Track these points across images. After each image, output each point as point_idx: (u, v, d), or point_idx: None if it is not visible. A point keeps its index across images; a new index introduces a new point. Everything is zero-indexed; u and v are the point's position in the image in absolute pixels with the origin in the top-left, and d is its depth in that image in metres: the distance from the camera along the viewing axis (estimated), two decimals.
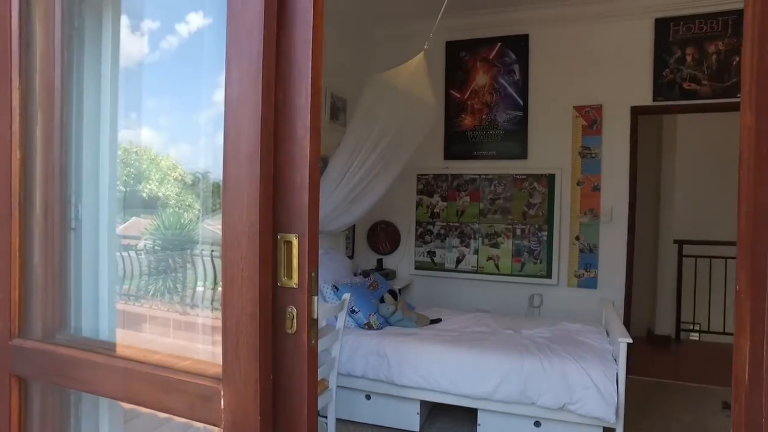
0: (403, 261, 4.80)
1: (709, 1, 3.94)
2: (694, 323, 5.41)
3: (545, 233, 4.39)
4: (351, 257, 4.72)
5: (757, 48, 0.88)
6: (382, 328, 3.35)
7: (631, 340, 2.71)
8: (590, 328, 3.43)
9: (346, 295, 2.71)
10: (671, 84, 4.07)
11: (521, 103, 4.44)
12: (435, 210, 4.72)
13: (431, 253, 4.73)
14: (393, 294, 3.63)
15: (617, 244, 4.23)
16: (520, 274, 4.47)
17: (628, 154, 4.19)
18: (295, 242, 1.04)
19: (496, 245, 4.54)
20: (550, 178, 4.37)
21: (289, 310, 1.05)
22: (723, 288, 5.20)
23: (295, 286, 1.05)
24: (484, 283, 4.57)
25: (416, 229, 4.77)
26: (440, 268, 4.70)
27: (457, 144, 4.64)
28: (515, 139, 4.47)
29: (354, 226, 4.70)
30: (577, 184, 4.31)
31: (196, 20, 1.70)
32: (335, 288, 3.34)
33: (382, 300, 3.57)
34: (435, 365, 2.94)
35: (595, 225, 4.28)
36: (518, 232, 4.47)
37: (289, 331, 1.05)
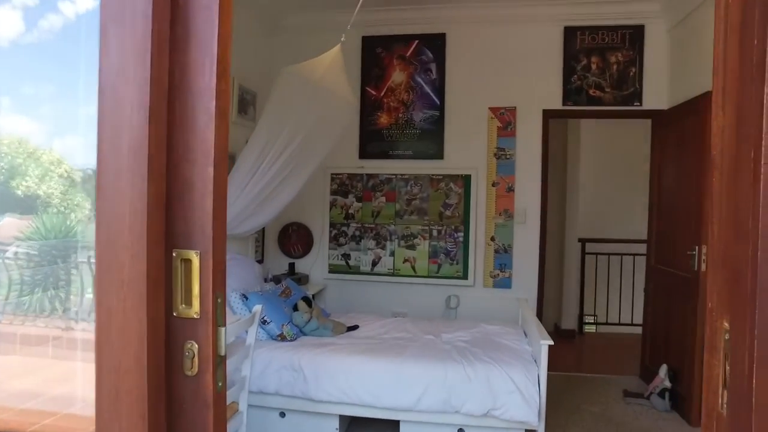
0: (316, 264, 4.58)
1: (609, 15, 4.15)
2: (594, 316, 5.72)
3: (461, 234, 4.39)
4: (260, 262, 4.42)
5: (734, 44, 0.80)
6: (296, 338, 3.12)
7: (552, 342, 2.72)
8: (509, 329, 3.44)
9: (257, 307, 2.45)
10: (579, 90, 4.22)
11: (438, 102, 4.41)
12: (350, 211, 4.55)
13: (346, 256, 4.56)
14: (307, 301, 3.41)
15: (530, 244, 4.33)
16: (436, 275, 4.43)
17: (540, 156, 4.30)
18: (195, 260, 0.82)
19: (412, 247, 4.46)
20: (466, 179, 4.37)
21: (189, 346, 0.82)
22: (618, 282, 5.54)
23: (195, 316, 0.82)
24: (401, 286, 4.48)
25: (330, 231, 4.58)
26: (355, 271, 4.55)
27: (372, 143, 4.51)
28: (432, 138, 4.42)
29: (264, 228, 4.41)
30: (493, 185, 4.35)
31: None
32: (244, 297, 3.06)
33: (295, 308, 3.34)
34: (354, 377, 2.77)
35: (509, 225, 4.34)
36: (435, 233, 4.43)
37: (189, 373, 0.83)
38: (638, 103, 4.16)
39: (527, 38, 4.28)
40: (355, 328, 3.49)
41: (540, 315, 4.33)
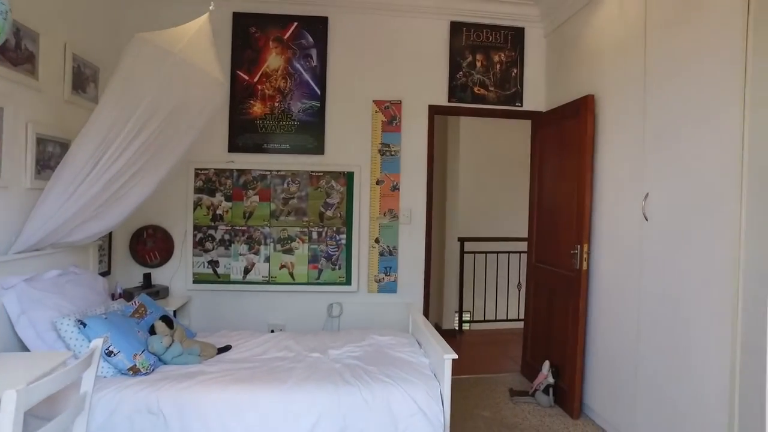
0: (178, 274, 3.91)
1: (493, 14, 4.10)
2: (470, 312, 5.77)
3: (344, 236, 4.05)
4: (106, 274, 3.63)
5: None
6: (153, 370, 2.51)
7: (455, 355, 2.50)
8: (401, 339, 3.17)
9: (96, 342, 1.84)
10: (464, 87, 4.12)
11: (319, 92, 4.00)
12: (218, 212, 3.96)
13: (214, 263, 3.95)
14: (167, 321, 2.80)
15: (416, 246, 4.14)
16: (317, 282, 4.03)
17: (426, 153, 4.12)
18: None
19: (290, 251, 4.01)
20: (349, 176, 4.04)
21: None
22: (495, 280, 5.65)
23: None
24: (278, 295, 4.01)
25: (194, 235, 3.93)
26: (225, 280, 3.96)
27: (244, 134, 3.96)
28: (312, 131, 4.01)
29: (110, 234, 3.63)
30: (377, 183, 4.08)
31: None
32: (81, 324, 2.38)
33: (152, 331, 2.72)
34: (230, 415, 2.27)
35: (394, 226, 4.11)
36: (315, 235, 4.03)
37: None
38: (519, 104, 4.18)
39: (414, 30, 4.07)
40: (227, 349, 2.96)
41: (426, 318, 4.16)
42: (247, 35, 3.93)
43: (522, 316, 5.20)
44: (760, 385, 2.32)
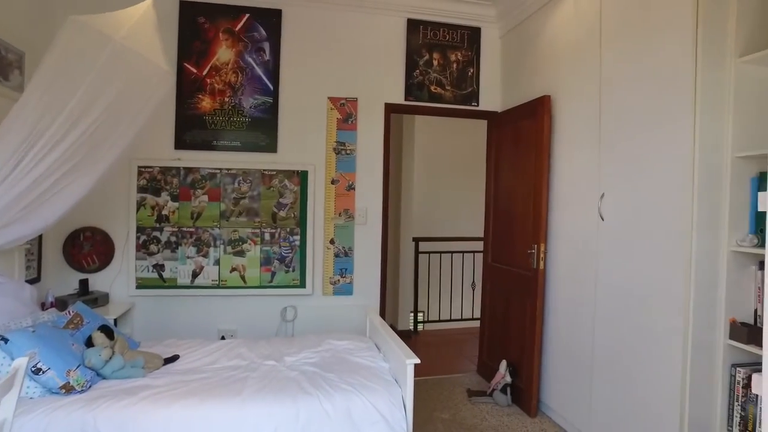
0: (119, 279, 3.61)
1: (449, 13, 4.05)
2: (426, 313, 5.72)
3: (298, 237, 3.88)
4: (36, 281, 3.30)
5: None
6: (89, 387, 2.27)
7: (418, 360, 2.41)
8: (359, 344, 3.05)
9: (20, 361, 1.60)
10: (421, 85, 4.05)
11: (272, 88, 3.82)
12: (163, 212, 3.70)
13: (159, 267, 3.69)
14: (107, 331, 2.55)
15: (371, 246, 4.02)
16: (270, 285, 3.84)
17: (382, 152, 4.02)
18: None
19: (241, 253, 3.80)
20: (303, 176, 3.88)
21: None
22: (450, 279, 5.63)
23: None
24: (229, 299, 3.79)
25: (138, 237, 3.65)
26: (172, 284, 3.71)
27: (192, 130, 3.72)
28: (264, 129, 3.81)
29: (41, 236, 3.30)
30: (332, 183, 3.94)
31: None
32: (2, 339, 2.11)
33: (89, 343, 2.48)
34: None
35: (350, 227, 3.98)
36: (267, 236, 3.84)
37: None
38: (476, 104, 4.15)
39: (370, 26, 3.96)
40: (174, 359, 2.74)
41: (382, 314, 4.07)
42: (196, 25, 3.69)
43: (476, 316, 5.20)
44: (709, 381, 2.37)
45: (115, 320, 3.17)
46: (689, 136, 2.34)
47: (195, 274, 3.75)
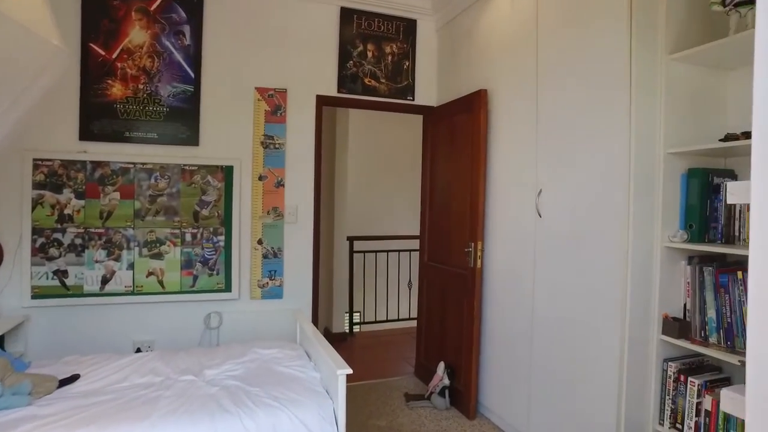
0: (9, 289, 3.14)
1: (384, 3, 3.87)
2: (362, 314, 5.55)
3: (222, 238, 3.57)
4: None
5: None
6: None
7: (350, 370, 2.21)
8: (288, 352, 2.80)
9: None
10: (354, 77, 3.85)
11: (193, 75, 3.47)
12: (66, 211, 3.26)
13: (61, 273, 3.25)
14: None
15: (302, 247, 3.78)
16: (192, 290, 3.51)
17: (313, 147, 3.78)
18: None
19: (159, 256, 3.44)
20: (228, 171, 3.57)
21: None
22: (386, 279, 5.48)
23: None
24: (145, 307, 3.41)
25: (34, 240, 3.20)
26: (77, 293, 3.28)
27: (100, 120, 3.31)
28: (184, 120, 3.47)
29: None
30: (259, 179, 3.65)
31: None
32: None
33: None
34: None
35: (279, 226, 3.71)
36: (188, 237, 3.50)
37: None
38: (411, 98, 4.00)
39: (302, 13, 3.70)
40: (73, 379, 2.38)
41: (315, 324, 3.84)
42: (103, 2, 3.28)
43: (413, 315, 5.09)
44: (643, 378, 2.35)
45: (2, 337, 2.74)
46: (625, 132, 2.30)
47: (105, 280, 3.34)
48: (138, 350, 3.29)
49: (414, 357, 4.22)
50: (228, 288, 3.58)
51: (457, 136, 3.58)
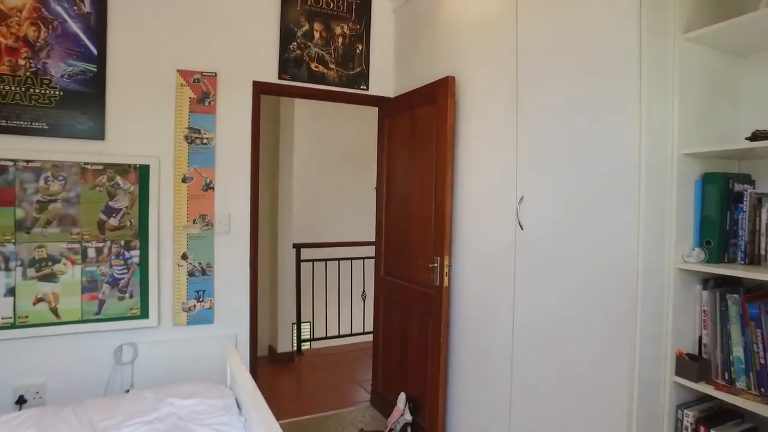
0: None
1: None
2: (312, 329, 4.94)
3: (136, 252, 2.86)
4: None
5: None
6: None
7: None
8: (213, 402, 2.16)
9: None
10: (299, 61, 3.22)
11: (95, 51, 2.75)
12: None
13: None
14: None
15: (237, 260, 3.13)
16: (97, 318, 2.79)
17: (249, 143, 3.13)
18: None
19: (51, 277, 2.69)
20: (143, 171, 2.86)
21: None
22: (337, 290, 4.88)
23: None
24: (33, 342, 2.66)
25: None
26: None
27: None
28: (85, 107, 2.73)
29: None
30: (183, 181, 2.97)
31: None
32: None
33: None
34: None
35: (208, 237, 3.04)
36: (92, 253, 2.77)
37: None
38: (365, 87, 3.42)
39: None
40: None
41: (254, 349, 3.21)
42: None
43: (368, 329, 4.54)
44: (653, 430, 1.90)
45: None
46: (632, 128, 1.82)
47: None
48: (21, 400, 2.55)
49: (370, 381, 3.66)
50: (144, 314, 2.88)
51: (418, 131, 3.04)
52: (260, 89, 3.13)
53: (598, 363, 1.93)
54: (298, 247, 4.57)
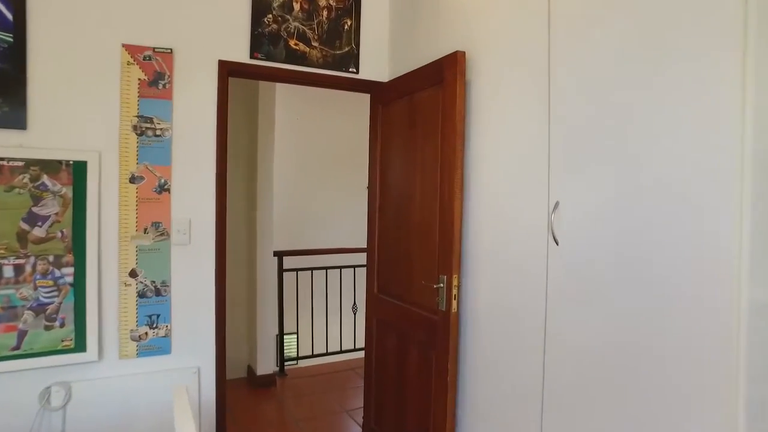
0: None
1: None
2: (297, 345, 4.34)
3: (70, 270, 2.25)
4: None
5: None
6: None
7: None
8: None
9: None
10: (275, 38, 2.62)
11: (10, 18, 2.14)
12: None
13: None
14: None
15: (201, 276, 2.52)
16: (16, 353, 2.16)
17: (214, 135, 2.53)
18: None
19: None
20: (78, 169, 2.25)
21: None
22: (325, 302, 4.29)
23: None
24: None
25: None
26: None
27: None
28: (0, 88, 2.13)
29: None
30: (131, 181, 2.36)
31: None
32: None
33: None
34: None
35: (163, 249, 2.44)
36: (8, 272, 2.16)
37: None
38: (354, 69, 2.83)
39: None
40: None
41: (222, 382, 2.61)
42: None
43: (359, 345, 3.99)
44: None
45: None
46: (733, 103, 1.25)
47: None
48: None
49: (362, 409, 3.08)
50: (80, 346, 2.27)
51: (420, 120, 2.45)
52: (227, 70, 2.53)
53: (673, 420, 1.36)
54: (279, 255, 3.97)
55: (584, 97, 1.63)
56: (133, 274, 2.37)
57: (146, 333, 2.41)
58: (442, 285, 2.18)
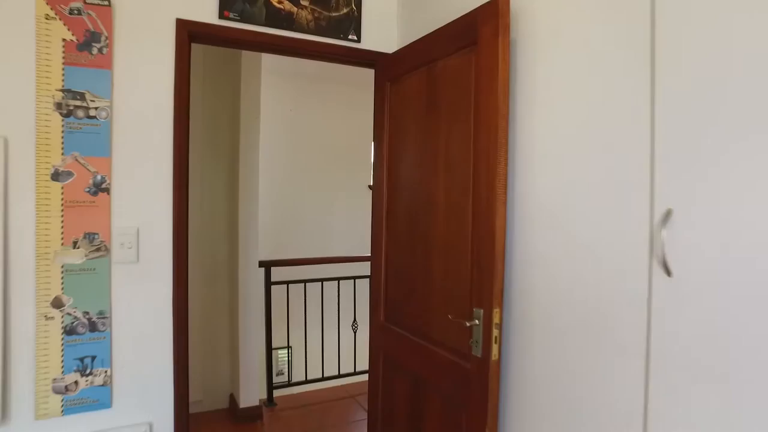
0: None
1: None
2: (289, 370, 3.71)
3: None
4: None
5: None
6: None
7: None
8: None
9: None
10: None
11: None
12: None
13: None
14: None
15: (153, 302, 1.88)
16: None
17: (171, 116, 1.89)
18: None
19: None
20: None
21: None
22: (320, 318, 3.65)
23: None
24: None
25: None
26: None
27: None
28: None
29: None
30: (55, 178, 1.72)
31: None
32: None
33: None
34: None
35: (100, 269, 1.80)
36: None
37: None
38: (354, 37, 2.19)
39: None
40: None
41: None
42: None
43: (360, 368, 3.40)
44: None
45: None
46: None
47: None
48: None
49: None
50: None
51: (443, 99, 1.81)
52: (189, 33, 1.88)
53: None
54: (266, 265, 3.32)
55: (704, 64, 0.99)
56: (57, 303, 1.73)
57: (76, 382, 1.77)
58: (477, 322, 1.54)
